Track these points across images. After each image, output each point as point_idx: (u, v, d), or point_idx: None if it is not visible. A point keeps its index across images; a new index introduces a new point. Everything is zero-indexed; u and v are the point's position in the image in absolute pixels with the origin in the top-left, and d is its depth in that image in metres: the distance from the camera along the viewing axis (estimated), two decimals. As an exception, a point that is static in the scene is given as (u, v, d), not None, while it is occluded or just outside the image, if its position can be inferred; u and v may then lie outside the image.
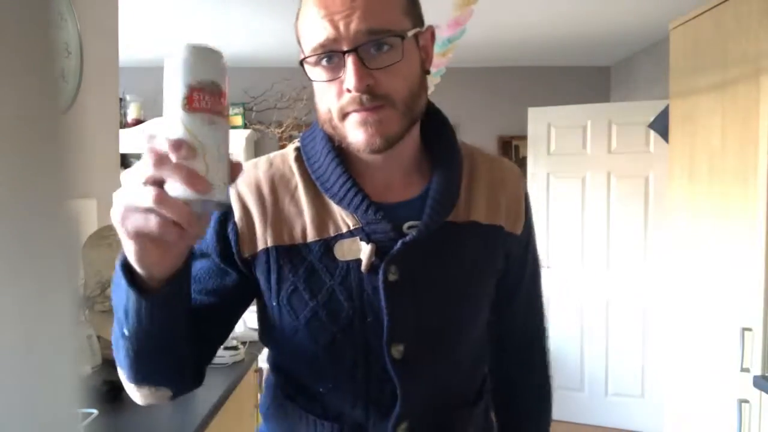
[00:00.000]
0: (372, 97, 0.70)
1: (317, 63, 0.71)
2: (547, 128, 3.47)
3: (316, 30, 0.70)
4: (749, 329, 1.76)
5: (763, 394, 1.70)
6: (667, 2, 2.73)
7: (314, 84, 0.74)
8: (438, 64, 2.59)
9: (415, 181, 0.81)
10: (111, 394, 1.33)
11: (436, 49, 2.35)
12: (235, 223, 0.76)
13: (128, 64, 3.24)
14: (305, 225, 0.76)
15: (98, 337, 1.52)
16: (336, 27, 0.68)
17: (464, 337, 0.82)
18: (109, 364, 1.56)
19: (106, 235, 1.55)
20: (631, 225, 3.30)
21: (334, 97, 0.71)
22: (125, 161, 4.22)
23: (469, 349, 0.84)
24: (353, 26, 0.68)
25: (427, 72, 0.79)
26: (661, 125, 2.59)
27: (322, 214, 0.77)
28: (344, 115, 0.72)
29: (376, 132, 0.70)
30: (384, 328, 0.75)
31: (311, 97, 0.78)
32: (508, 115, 4.13)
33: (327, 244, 0.76)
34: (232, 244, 0.76)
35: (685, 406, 2.17)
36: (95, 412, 1.14)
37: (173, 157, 0.53)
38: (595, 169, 3.37)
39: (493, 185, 0.85)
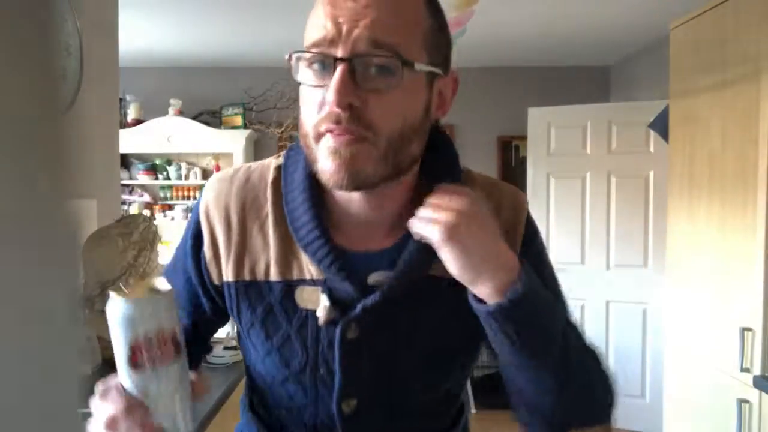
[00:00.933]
0: (352, 120, 0.60)
1: (309, 64, 0.63)
2: (547, 128, 3.47)
3: (316, 27, 0.61)
4: (749, 329, 1.76)
5: (763, 394, 1.70)
6: (667, 2, 2.73)
7: (300, 90, 0.65)
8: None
9: (401, 227, 0.70)
10: (111, 394, 1.33)
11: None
12: (204, 251, 0.74)
13: (128, 64, 3.24)
14: (269, 262, 0.71)
15: (98, 337, 1.52)
16: (337, 28, 0.60)
17: (429, 391, 0.76)
18: (109, 364, 1.56)
19: (105, 235, 1.55)
20: (631, 225, 3.30)
21: (314, 107, 0.63)
22: (125, 161, 4.23)
23: (436, 397, 0.78)
24: (356, 32, 0.59)
25: (437, 121, 0.69)
26: (661, 125, 2.59)
27: (287, 254, 0.71)
28: (319, 135, 0.62)
29: (343, 165, 0.61)
30: (335, 384, 0.71)
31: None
32: (508, 115, 4.14)
33: (289, 287, 0.71)
34: (203, 271, 0.75)
35: (685, 406, 2.17)
36: (95, 412, 1.14)
37: (124, 424, 0.55)
38: (595, 169, 3.37)
39: None
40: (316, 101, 0.62)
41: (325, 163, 0.62)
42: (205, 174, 4.29)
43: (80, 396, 0.21)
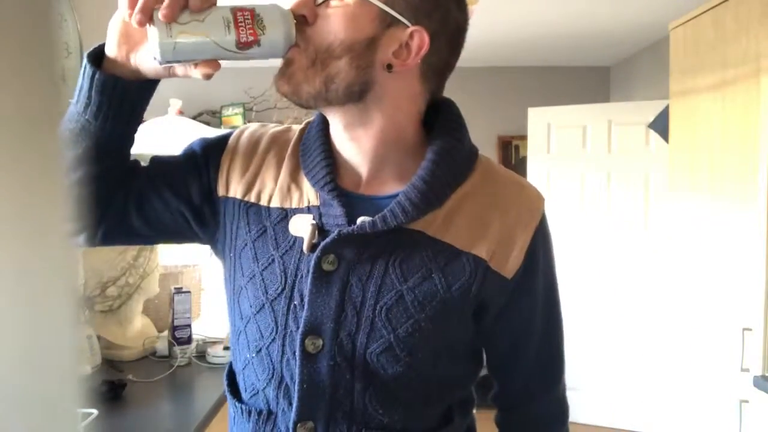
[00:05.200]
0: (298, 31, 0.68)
1: None
2: (547, 128, 3.47)
3: None
4: (749, 329, 1.76)
5: (763, 394, 1.70)
6: (667, 2, 2.73)
7: None
8: (438, 64, 2.58)
9: (406, 180, 0.74)
10: (111, 394, 1.33)
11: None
12: (222, 160, 0.79)
13: (128, 64, 3.23)
14: (274, 190, 0.77)
15: (98, 337, 1.52)
16: None
17: (404, 368, 0.72)
18: (109, 364, 1.56)
19: (106, 235, 1.55)
20: (630, 225, 3.30)
21: None
22: (125, 161, 4.23)
23: (414, 384, 0.74)
24: None
25: (389, 67, 0.70)
26: (661, 125, 2.59)
27: (291, 185, 0.77)
28: None
29: (283, 73, 0.72)
30: (302, 315, 0.72)
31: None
32: (508, 115, 4.13)
33: (285, 214, 0.76)
34: (212, 175, 0.79)
35: (685, 406, 2.17)
36: (95, 412, 1.14)
37: None
38: (595, 169, 3.37)
39: (490, 210, 0.74)
40: None
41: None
42: (205, 174, 4.29)
43: (80, 396, 0.21)
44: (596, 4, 2.86)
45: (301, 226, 0.74)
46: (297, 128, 0.83)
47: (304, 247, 0.72)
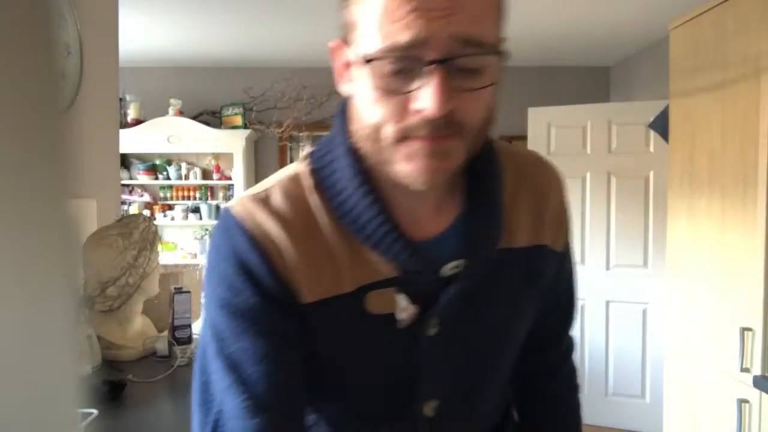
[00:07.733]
0: (447, 124, 0.54)
1: (384, 65, 0.54)
2: (547, 128, 3.47)
3: (399, 24, 0.52)
4: (749, 329, 1.76)
5: (763, 394, 1.70)
6: (667, 2, 2.73)
7: (363, 91, 0.57)
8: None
9: (447, 206, 0.67)
10: (111, 394, 1.33)
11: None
12: (289, 275, 0.63)
13: (128, 64, 3.25)
14: (337, 273, 0.64)
15: (98, 337, 1.52)
16: (430, 26, 0.51)
17: (500, 375, 0.76)
18: (109, 364, 1.56)
19: (105, 235, 1.55)
20: (631, 225, 3.30)
21: (393, 112, 0.55)
22: (125, 161, 4.23)
23: (501, 382, 0.78)
24: (451, 29, 0.52)
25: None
26: (661, 125, 2.59)
27: (353, 260, 0.64)
28: (403, 138, 0.56)
29: (440, 167, 0.56)
30: (419, 386, 0.68)
31: (311, 97, 0.70)
32: (508, 115, 4.13)
33: (359, 295, 0.64)
34: (292, 297, 0.64)
35: (685, 406, 2.17)
36: (95, 412, 1.14)
37: None
38: (595, 169, 3.37)
39: (538, 198, 0.72)
40: (395, 106, 0.55)
41: (414, 165, 0.56)
42: (205, 174, 4.29)
43: (80, 396, 0.21)
44: (596, 4, 2.86)
45: (382, 303, 0.64)
46: (299, 182, 0.66)
47: (402, 324, 0.65)
